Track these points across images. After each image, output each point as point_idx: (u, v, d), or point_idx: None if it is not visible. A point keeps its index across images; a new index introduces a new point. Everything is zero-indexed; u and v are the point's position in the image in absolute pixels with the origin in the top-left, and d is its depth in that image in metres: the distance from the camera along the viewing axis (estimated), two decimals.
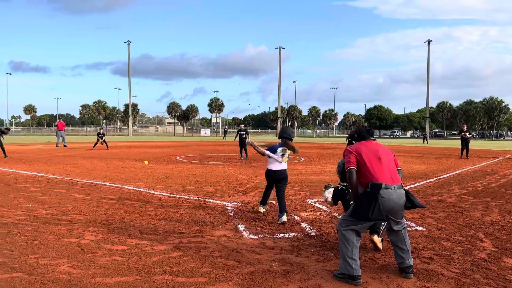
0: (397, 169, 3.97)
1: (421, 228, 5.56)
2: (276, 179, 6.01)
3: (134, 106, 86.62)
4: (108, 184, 9.35)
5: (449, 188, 9.36)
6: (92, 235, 4.97)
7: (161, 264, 4.00)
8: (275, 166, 5.98)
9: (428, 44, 75.83)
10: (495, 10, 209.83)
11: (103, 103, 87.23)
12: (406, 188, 3.89)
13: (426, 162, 17.23)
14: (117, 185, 9.14)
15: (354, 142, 4.15)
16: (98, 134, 24.65)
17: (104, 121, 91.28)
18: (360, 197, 3.78)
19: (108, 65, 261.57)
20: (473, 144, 30.43)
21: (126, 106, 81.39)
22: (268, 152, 5.98)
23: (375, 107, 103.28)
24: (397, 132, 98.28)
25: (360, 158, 3.84)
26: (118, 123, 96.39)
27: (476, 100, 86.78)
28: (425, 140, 45.38)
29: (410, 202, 3.83)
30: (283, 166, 6.01)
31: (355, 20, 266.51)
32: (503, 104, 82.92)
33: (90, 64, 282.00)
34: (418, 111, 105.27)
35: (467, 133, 19.38)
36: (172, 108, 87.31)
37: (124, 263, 4.00)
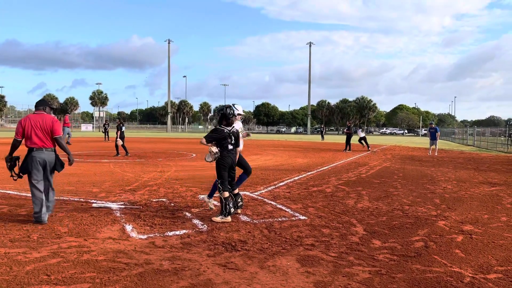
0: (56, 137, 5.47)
1: (304, 217, 5.98)
2: None
3: (1, 98, 76.46)
4: None
5: (328, 179, 10.24)
6: None
7: (36, 273, 3.61)
8: None
9: (310, 46, 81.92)
10: (366, 18, 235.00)
11: None
12: (291, 180, 4.15)
13: (308, 156, 18.60)
14: None
15: None
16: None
17: None
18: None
19: None
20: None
21: None
22: None
23: (262, 104, 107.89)
24: (283, 128, 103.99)
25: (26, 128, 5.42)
26: None
27: (350, 99, 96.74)
28: (323, 136, 43.63)
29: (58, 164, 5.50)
30: None
31: (244, 18, 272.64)
32: (372, 103, 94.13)
33: None
34: (301, 108, 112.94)
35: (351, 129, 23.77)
36: (48, 100, 79.30)
37: None
